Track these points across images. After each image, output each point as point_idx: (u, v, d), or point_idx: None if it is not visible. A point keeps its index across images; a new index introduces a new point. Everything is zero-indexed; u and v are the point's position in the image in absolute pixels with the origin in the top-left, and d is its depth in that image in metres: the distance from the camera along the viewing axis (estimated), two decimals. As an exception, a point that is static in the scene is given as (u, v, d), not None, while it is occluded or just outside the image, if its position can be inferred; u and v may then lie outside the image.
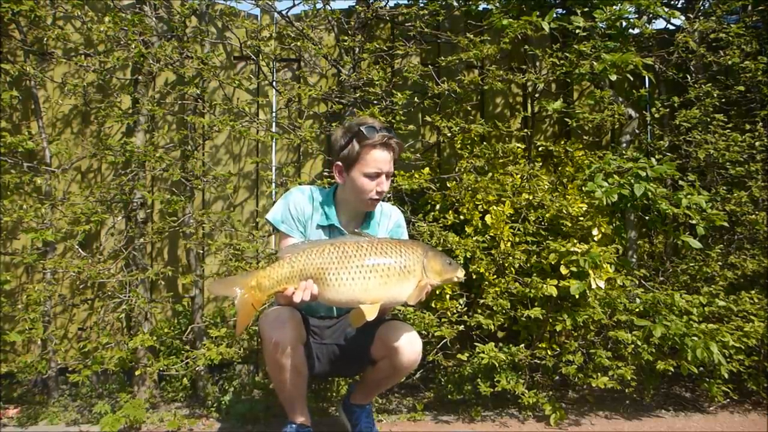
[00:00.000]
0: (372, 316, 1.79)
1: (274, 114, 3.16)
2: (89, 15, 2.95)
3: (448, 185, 2.94)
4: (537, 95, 3.23)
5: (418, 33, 3.07)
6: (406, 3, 3.15)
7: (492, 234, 2.78)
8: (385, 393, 2.90)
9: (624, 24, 3.06)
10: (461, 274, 1.92)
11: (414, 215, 2.94)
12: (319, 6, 3.00)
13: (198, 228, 2.92)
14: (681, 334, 2.60)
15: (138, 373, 2.75)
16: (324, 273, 1.80)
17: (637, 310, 2.76)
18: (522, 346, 2.73)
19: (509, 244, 2.77)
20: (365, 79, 2.96)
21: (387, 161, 2.02)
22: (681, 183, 2.98)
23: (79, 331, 2.97)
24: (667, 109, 3.13)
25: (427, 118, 3.13)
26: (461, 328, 2.70)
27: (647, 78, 3.19)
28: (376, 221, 2.17)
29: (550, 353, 2.74)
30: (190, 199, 2.90)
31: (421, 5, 3.07)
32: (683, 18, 3.26)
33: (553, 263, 2.72)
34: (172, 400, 2.85)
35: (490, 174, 2.95)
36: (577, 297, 2.65)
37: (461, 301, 2.78)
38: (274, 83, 3.13)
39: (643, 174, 2.80)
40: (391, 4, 3.15)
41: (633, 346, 2.70)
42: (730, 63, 3.08)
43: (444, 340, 2.69)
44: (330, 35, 3.17)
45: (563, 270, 2.69)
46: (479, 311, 2.75)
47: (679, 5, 3.48)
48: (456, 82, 2.96)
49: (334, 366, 2.17)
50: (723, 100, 3.09)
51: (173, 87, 3.05)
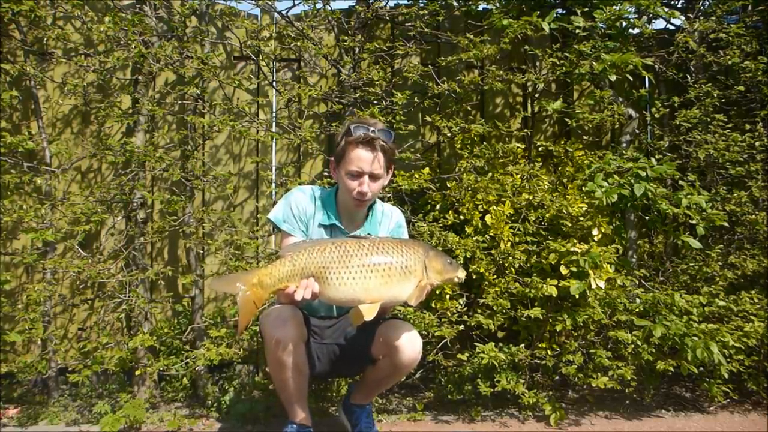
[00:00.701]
0: (372, 315, 1.79)
1: (274, 114, 3.16)
2: (89, 15, 2.95)
3: (448, 185, 2.94)
4: (537, 95, 3.23)
5: (418, 33, 3.07)
6: (406, 3, 3.15)
7: (492, 234, 2.78)
8: (385, 393, 2.90)
9: (624, 24, 3.06)
10: (462, 274, 1.92)
11: (414, 215, 2.94)
12: (319, 6, 3.00)
13: (198, 228, 2.92)
14: (681, 334, 2.60)
15: (138, 373, 2.75)
16: (325, 271, 1.80)
17: (637, 310, 2.76)
18: (522, 346, 2.73)
19: (509, 244, 2.77)
20: (365, 79, 2.96)
21: (369, 161, 1.97)
22: (681, 183, 2.98)
23: (79, 331, 2.97)
24: (667, 109, 3.14)
25: (427, 118, 3.13)
26: (461, 328, 2.70)
27: (647, 78, 3.19)
28: (377, 221, 2.18)
29: (550, 353, 2.74)
30: (190, 199, 2.90)
31: (421, 5, 3.07)
32: (683, 18, 3.26)
33: (553, 263, 2.72)
34: (172, 400, 2.85)
35: (490, 174, 2.95)
36: (577, 297, 2.65)
37: (461, 301, 2.78)
38: (274, 83, 3.13)
39: (643, 174, 2.80)
40: (391, 4, 3.16)
41: (633, 346, 2.70)
42: (730, 63, 3.08)
43: (444, 340, 2.70)
44: (330, 35, 3.17)
45: (563, 270, 2.69)
46: (479, 311, 2.75)
47: (679, 5, 3.48)
48: (456, 82, 2.97)
49: (334, 366, 2.17)
50: (723, 100, 3.09)
51: (173, 87, 3.05)
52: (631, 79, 3.21)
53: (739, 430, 2.61)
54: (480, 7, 3.21)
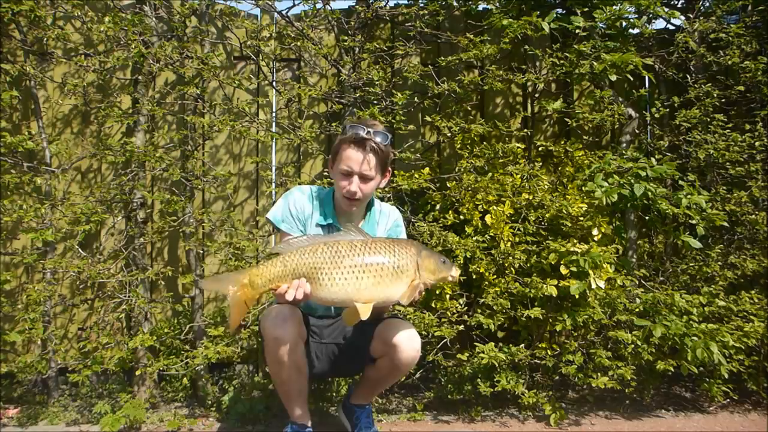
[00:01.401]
0: (365, 315, 1.78)
1: (274, 114, 3.16)
2: (89, 15, 2.95)
3: (448, 185, 2.94)
4: (537, 95, 3.23)
5: (418, 33, 3.07)
6: (406, 3, 3.15)
7: (492, 234, 2.78)
8: (385, 393, 2.90)
9: (624, 24, 3.07)
10: (456, 272, 1.91)
11: (414, 215, 2.94)
12: (319, 6, 3.00)
13: (198, 228, 2.92)
14: (681, 334, 2.60)
15: (138, 373, 2.75)
16: (316, 272, 1.79)
17: (637, 310, 2.76)
18: (522, 346, 2.73)
19: (509, 244, 2.77)
20: (365, 79, 2.96)
21: (358, 161, 1.97)
22: (681, 183, 2.98)
23: (79, 331, 2.97)
24: (667, 109, 3.14)
25: (427, 118, 3.13)
26: (461, 328, 2.70)
27: (647, 78, 3.20)
28: (375, 220, 2.18)
29: (550, 353, 2.74)
30: (190, 199, 2.90)
31: (421, 5, 3.07)
32: (683, 18, 3.26)
33: (553, 263, 2.72)
34: (172, 400, 2.85)
35: (490, 174, 2.95)
36: (577, 297, 2.65)
37: (461, 301, 2.78)
38: (274, 83, 3.13)
39: (643, 174, 2.80)
40: (391, 4, 3.15)
41: (633, 346, 2.70)
42: (730, 63, 3.08)
43: (444, 340, 2.69)
44: (330, 35, 3.17)
45: (563, 270, 2.68)
46: (479, 311, 2.75)
47: (679, 5, 3.48)
48: (456, 82, 2.96)
49: (333, 365, 2.17)
50: (723, 100, 3.09)
51: (173, 87, 3.05)
52: (631, 79, 3.21)
53: (739, 430, 2.61)
54: (480, 7, 3.21)
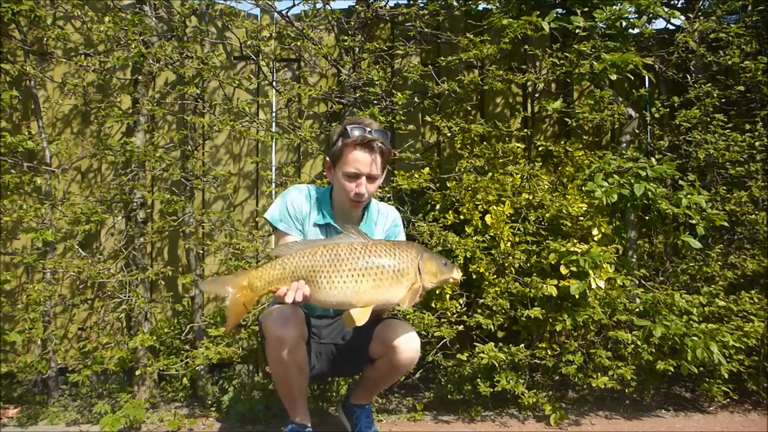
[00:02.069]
0: (363, 320, 1.76)
1: (274, 114, 3.16)
2: (89, 15, 2.95)
3: (448, 185, 2.94)
4: (537, 95, 3.23)
5: (418, 33, 3.07)
6: (406, 3, 3.15)
7: (492, 234, 2.78)
8: (385, 393, 2.90)
9: (624, 24, 3.07)
10: (458, 275, 1.90)
11: (414, 215, 2.94)
12: (319, 6, 3.01)
13: (198, 228, 2.92)
14: (681, 334, 2.60)
15: (138, 373, 2.75)
16: (315, 275, 1.77)
17: (637, 310, 2.76)
18: (522, 346, 2.73)
19: (509, 244, 2.77)
20: (365, 79, 2.96)
21: (367, 163, 1.96)
22: (681, 183, 2.98)
23: (79, 331, 2.97)
24: (667, 109, 3.14)
25: (427, 118, 3.13)
26: (461, 328, 2.70)
27: (647, 78, 3.20)
28: (373, 220, 2.17)
29: (550, 353, 2.74)
30: (190, 199, 2.90)
31: (421, 5, 3.07)
32: (683, 18, 3.26)
33: (553, 263, 2.72)
34: (172, 400, 2.85)
35: (490, 174, 2.95)
36: (577, 297, 2.65)
37: (461, 301, 2.78)
38: (274, 83, 3.13)
39: (643, 174, 2.80)
40: (391, 4, 3.16)
41: (633, 346, 2.70)
42: (730, 63, 3.08)
43: (444, 340, 2.69)
44: (330, 35, 3.17)
45: (563, 270, 2.68)
46: (479, 311, 2.75)
47: (679, 5, 3.48)
48: (456, 82, 2.96)
49: (333, 365, 2.17)
50: (723, 100, 3.09)
51: (173, 87, 3.05)
52: (631, 79, 3.21)
53: (739, 430, 2.61)
54: (480, 7, 3.21)
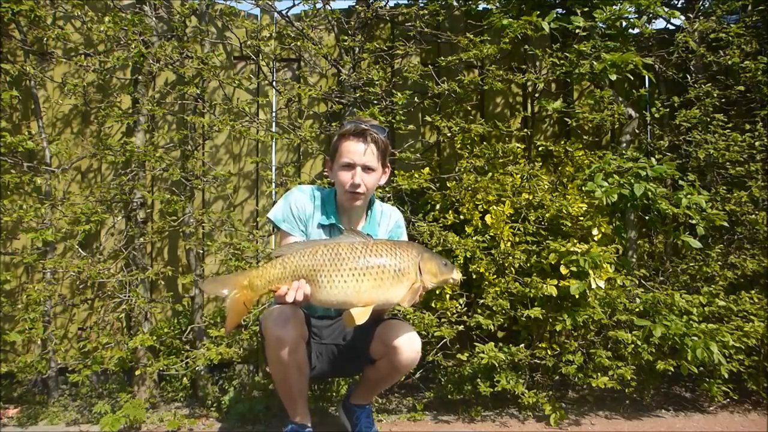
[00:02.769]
0: (363, 319, 1.76)
1: (274, 114, 3.16)
2: (89, 15, 2.95)
3: (448, 185, 2.94)
4: (537, 95, 3.23)
5: (418, 33, 3.07)
6: (406, 3, 3.15)
7: (492, 234, 2.78)
8: (385, 393, 2.90)
9: (624, 24, 3.07)
10: (458, 275, 1.91)
11: (414, 215, 2.94)
12: (319, 6, 3.00)
13: (198, 228, 2.92)
14: (681, 334, 2.60)
15: (138, 373, 2.75)
16: (316, 274, 1.78)
17: (637, 310, 2.76)
18: (522, 346, 2.73)
19: (509, 244, 2.77)
20: (365, 79, 2.96)
21: (360, 152, 1.98)
22: (681, 183, 2.98)
23: (79, 331, 2.97)
24: (667, 109, 3.14)
25: (427, 118, 3.13)
26: (461, 328, 2.70)
27: (647, 78, 3.20)
28: (376, 221, 2.17)
29: (550, 353, 2.74)
30: (190, 199, 2.90)
31: (421, 5, 3.07)
32: (683, 18, 3.26)
33: (553, 263, 2.72)
34: (172, 400, 2.85)
35: (490, 174, 2.95)
36: (577, 297, 2.65)
37: (461, 301, 2.78)
38: (274, 83, 3.13)
39: (643, 174, 2.80)
40: (391, 4, 3.15)
41: (633, 346, 2.70)
42: (730, 63, 3.08)
43: (444, 340, 2.69)
44: (330, 35, 3.17)
45: (563, 270, 2.68)
46: (479, 311, 2.75)
47: (679, 5, 3.48)
48: (456, 82, 2.96)
49: (333, 366, 2.17)
50: (723, 100, 3.09)
51: (173, 87, 3.05)
52: (631, 79, 3.21)
53: (739, 430, 2.61)
54: (480, 7, 3.21)
